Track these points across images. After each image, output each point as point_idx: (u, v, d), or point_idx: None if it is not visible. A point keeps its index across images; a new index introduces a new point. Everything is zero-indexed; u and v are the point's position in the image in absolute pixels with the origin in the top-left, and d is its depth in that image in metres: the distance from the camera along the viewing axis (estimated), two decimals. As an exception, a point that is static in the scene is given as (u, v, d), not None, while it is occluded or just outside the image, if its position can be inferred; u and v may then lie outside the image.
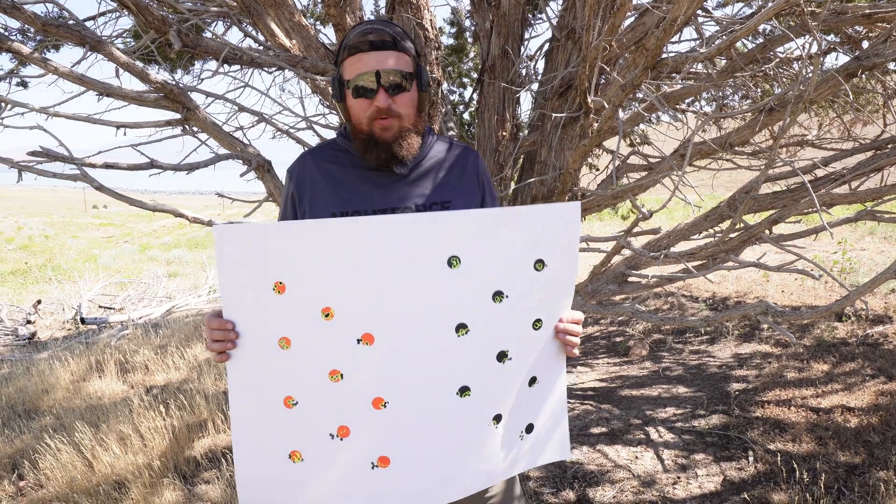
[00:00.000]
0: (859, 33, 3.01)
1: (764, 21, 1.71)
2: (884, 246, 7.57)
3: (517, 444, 1.24)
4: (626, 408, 3.53)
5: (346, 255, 1.06)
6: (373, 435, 1.13)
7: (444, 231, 1.08)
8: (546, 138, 2.84)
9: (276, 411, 1.12)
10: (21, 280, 11.39)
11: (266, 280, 1.06)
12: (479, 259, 1.10)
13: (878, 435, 2.87)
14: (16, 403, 4.11)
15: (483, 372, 1.15)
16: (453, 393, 1.14)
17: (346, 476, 1.14)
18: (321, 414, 1.12)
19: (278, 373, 1.10)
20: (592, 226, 12.99)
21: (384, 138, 1.19)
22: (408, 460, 1.14)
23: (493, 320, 1.13)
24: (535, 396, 1.23)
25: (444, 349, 1.12)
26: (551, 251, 1.15)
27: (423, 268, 1.08)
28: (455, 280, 1.10)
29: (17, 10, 2.17)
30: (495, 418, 1.19)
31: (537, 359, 1.21)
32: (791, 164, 2.31)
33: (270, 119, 3.14)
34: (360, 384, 1.11)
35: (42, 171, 2.45)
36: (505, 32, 2.80)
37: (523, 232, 1.12)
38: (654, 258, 2.67)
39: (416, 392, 1.12)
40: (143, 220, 25.72)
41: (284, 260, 1.05)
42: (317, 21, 4.32)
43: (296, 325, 1.08)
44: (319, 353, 1.09)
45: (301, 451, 1.14)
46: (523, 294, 1.15)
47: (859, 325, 4.47)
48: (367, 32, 1.17)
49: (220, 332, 1.06)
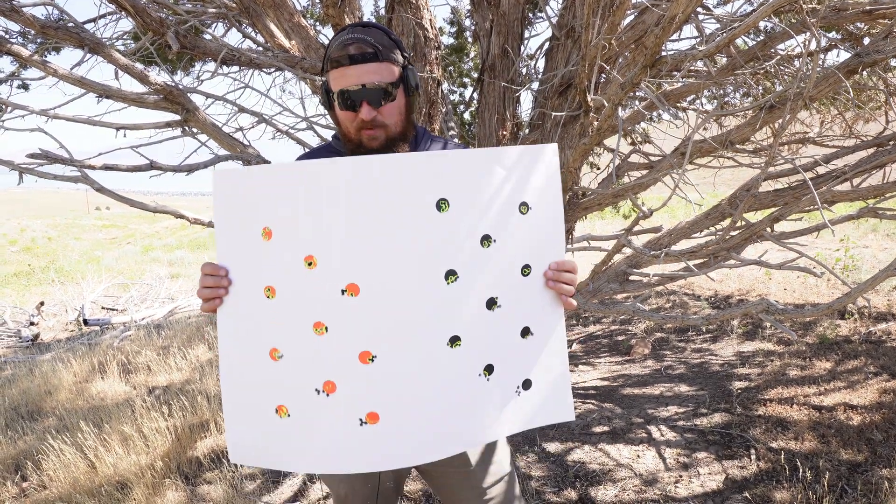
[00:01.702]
0: (860, 30, 3.00)
1: (764, 18, 1.70)
2: (886, 243, 7.55)
3: (513, 399, 1.17)
4: (628, 406, 3.52)
5: (329, 199, 1.00)
6: (360, 390, 1.07)
7: (434, 172, 1.03)
8: (546, 137, 2.84)
9: (262, 364, 1.08)
10: (24, 282, 11.43)
11: (255, 225, 1.03)
12: (468, 201, 1.05)
13: (881, 433, 2.86)
14: (19, 405, 4.12)
15: (473, 320, 1.09)
16: (444, 343, 1.08)
17: (333, 433, 1.08)
18: (306, 368, 1.07)
19: (264, 323, 1.07)
20: (594, 224, 12.98)
21: (370, 147, 1.20)
22: (398, 415, 1.08)
23: (482, 266, 1.08)
24: (529, 349, 1.17)
25: (434, 298, 1.06)
26: (535, 194, 1.11)
27: (411, 211, 1.02)
28: (444, 224, 1.04)
29: (16, 12, 2.17)
30: (486, 369, 1.13)
31: (529, 308, 1.15)
32: (792, 161, 2.30)
33: (270, 120, 3.14)
34: (345, 337, 1.05)
35: (42, 174, 2.46)
36: (505, 31, 2.80)
37: (507, 173, 1.07)
38: (655, 256, 2.67)
39: (405, 344, 1.06)
40: (145, 221, 25.76)
41: (271, 204, 1.02)
42: (316, 22, 4.33)
43: (280, 274, 1.04)
44: (303, 304, 1.04)
45: (287, 406, 1.09)
46: (510, 238, 1.10)
47: (862, 322, 4.46)
48: (348, 44, 1.16)
49: (213, 279, 1.05)
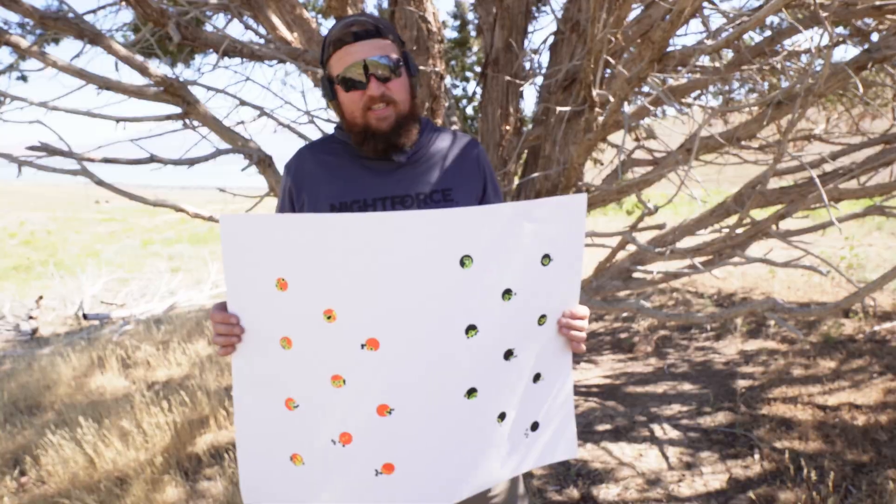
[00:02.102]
0: (869, 26, 2.96)
1: (772, 13, 1.67)
2: (891, 241, 7.52)
3: (522, 442, 1.20)
4: (630, 405, 3.50)
5: (351, 253, 1.00)
6: (377, 442, 1.09)
7: (457, 228, 1.02)
8: (550, 132, 2.81)
9: (277, 412, 1.08)
10: (23, 275, 11.41)
11: (269, 275, 1.01)
12: (491, 257, 1.05)
13: (886, 433, 2.84)
14: (18, 399, 4.11)
15: (490, 372, 1.11)
16: (461, 395, 1.10)
17: (348, 482, 1.10)
18: (322, 419, 1.08)
19: (280, 373, 1.06)
20: (597, 221, 12.96)
21: (381, 129, 1.17)
22: (413, 466, 1.11)
23: (502, 319, 1.09)
24: (539, 393, 1.20)
25: (454, 352, 1.07)
26: (558, 245, 1.11)
27: (434, 268, 1.03)
28: (467, 280, 1.04)
29: (15, 3, 2.14)
30: (500, 416, 1.15)
31: (541, 355, 1.17)
32: (799, 158, 2.28)
33: (272, 113, 3.11)
34: (364, 391, 1.06)
35: (42, 166, 2.43)
36: (508, 25, 2.77)
37: (535, 226, 1.08)
38: (659, 254, 2.64)
39: (423, 398, 1.08)
40: (145, 215, 25.74)
41: (287, 255, 1.00)
42: (318, 14, 4.30)
43: (297, 326, 1.03)
44: (321, 356, 1.04)
45: (302, 455, 1.10)
46: (531, 290, 1.11)
47: (867, 321, 4.44)
48: (350, 24, 1.16)
49: (225, 327, 1.04)
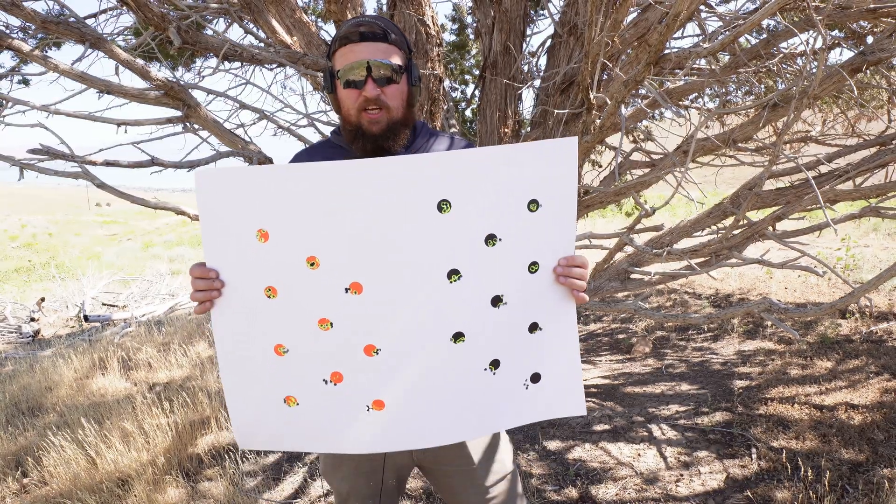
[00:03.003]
0: (864, 28, 2.99)
1: (768, 16, 1.69)
2: (887, 242, 7.54)
3: (521, 392, 1.19)
4: (628, 405, 3.52)
5: (330, 201, 1.02)
6: (366, 380, 1.12)
7: (434, 174, 1.03)
8: (548, 135, 2.83)
9: (267, 359, 1.11)
10: (25, 278, 11.42)
11: (249, 227, 1.03)
12: (471, 202, 1.06)
13: (882, 432, 2.85)
14: (20, 401, 4.12)
15: (477, 317, 1.12)
16: (447, 339, 1.11)
17: (341, 417, 1.14)
18: (313, 361, 1.11)
19: (267, 322, 1.09)
20: (595, 223, 12.98)
21: (371, 132, 1.19)
22: (402, 403, 1.13)
23: (487, 264, 1.09)
24: (538, 344, 1.18)
25: (436, 296, 1.08)
26: (546, 191, 1.09)
27: (411, 214, 1.04)
28: (445, 225, 1.05)
29: (17, 7, 2.16)
30: (492, 363, 1.15)
31: (536, 303, 1.15)
32: (795, 160, 2.30)
33: (272, 116, 3.13)
34: (350, 333, 1.09)
35: (43, 169, 2.45)
36: (507, 29, 2.79)
37: (516, 171, 1.07)
38: (656, 255, 2.66)
39: (408, 339, 1.10)
40: (145, 217, 25.76)
41: (267, 206, 1.02)
42: (318, 18, 4.32)
43: (281, 275, 1.06)
44: (307, 302, 1.07)
45: (296, 396, 1.14)
46: (517, 236, 1.10)
47: (863, 321, 4.46)
48: (359, 24, 1.18)
49: (204, 282, 1.06)
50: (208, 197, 1.02)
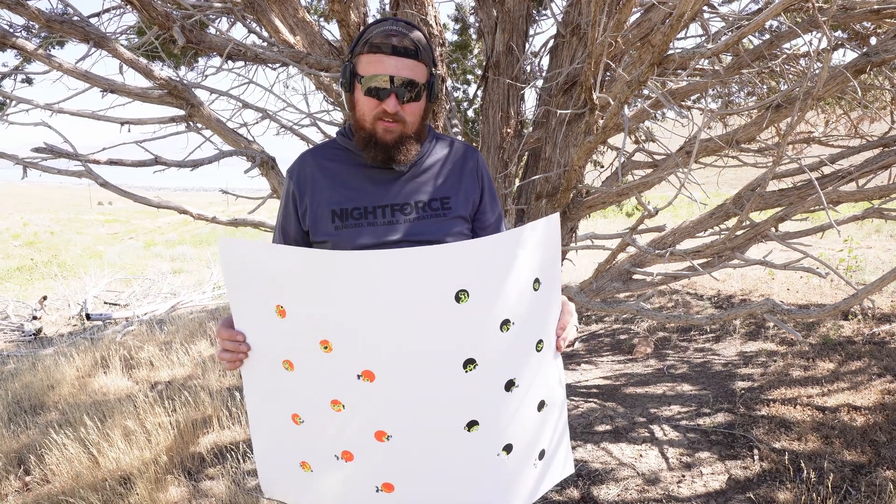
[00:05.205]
0: (867, 29, 2.98)
1: (771, 17, 1.69)
2: (890, 244, 7.53)
3: (530, 472, 1.18)
4: (630, 406, 3.52)
5: (346, 289, 1.00)
6: (376, 463, 1.10)
7: (451, 264, 1.01)
8: (550, 135, 2.83)
9: (285, 424, 1.13)
10: (27, 276, 11.44)
11: (268, 301, 1.03)
12: (487, 290, 1.04)
13: (884, 434, 2.85)
14: (22, 399, 4.13)
15: (492, 404, 1.10)
16: (461, 428, 1.09)
17: (351, 494, 1.14)
18: (325, 437, 1.11)
19: (284, 391, 1.10)
20: (597, 223, 12.97)
21: (384, 140, 1.18)
22: (413, 488, 1.12)
23: (501, 350, 1.08)
24: (543, 420, 1.18)
25: (451, 386, 1.06)
26: (545, 267, 1.11)
27: (429, 306, 1.02)
28: (463, 315, 1.03)
29: (21, 6, 2.17)
30: (505, 448, 1.14)
31: (543, 381, 1.15)
32: (799, 161, 2.29)
33: (275, 116, 3.13)
34: (361, 417, 1.07)
35: (47, 168, 2.45)
36: (509, 29, 2.79)
37: (524, 253, 1.06)
38: (659, 256, 2.66)
39: (420, 427, 1.08)
40: (147, 216, 25.79)
41: (284, 284, 1.01)
42: (321, 17, 4.32)
43: (296, 352, 1.06)
44: (320, 382, 1.07)
45: (310, 464, 1.15)
46: (526, 317, 1.09)
47: (865, 323, 4.45)
48: (392, 35, 1.15)
49: (232, 343, 1.07)
50: (231, 267, 1.03)
